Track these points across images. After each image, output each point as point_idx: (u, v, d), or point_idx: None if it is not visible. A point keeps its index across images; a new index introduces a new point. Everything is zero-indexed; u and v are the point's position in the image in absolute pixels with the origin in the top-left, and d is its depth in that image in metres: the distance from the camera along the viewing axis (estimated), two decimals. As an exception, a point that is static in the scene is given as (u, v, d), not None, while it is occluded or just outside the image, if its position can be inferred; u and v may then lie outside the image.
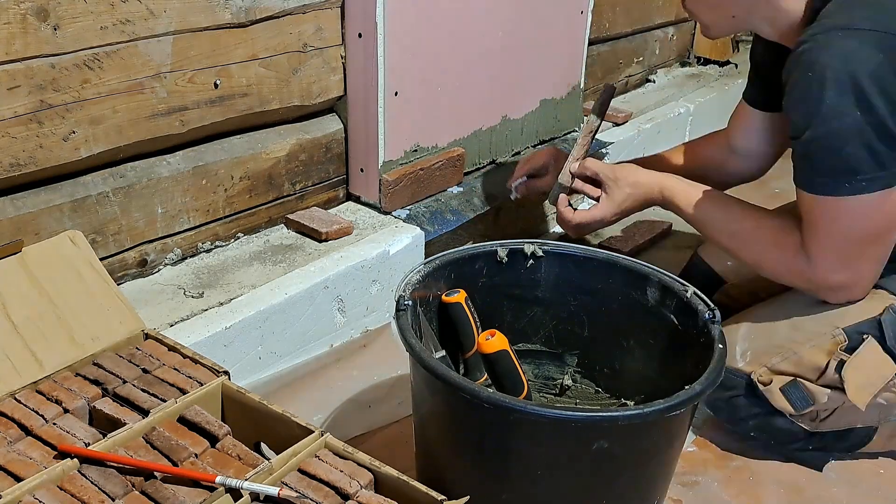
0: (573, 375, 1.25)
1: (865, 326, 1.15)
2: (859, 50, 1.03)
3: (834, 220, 1.10)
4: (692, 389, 0.90)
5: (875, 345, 1.14)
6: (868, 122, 1.03)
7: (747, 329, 1.23)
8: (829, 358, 1.15)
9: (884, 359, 1.14)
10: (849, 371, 1.13)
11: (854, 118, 1.03)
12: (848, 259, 1.12)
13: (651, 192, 1.31)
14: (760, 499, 1.18)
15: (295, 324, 1.29)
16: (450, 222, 1.55)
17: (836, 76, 1.03)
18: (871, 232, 1.10)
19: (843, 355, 1.14)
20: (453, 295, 1.12)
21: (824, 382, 1.16)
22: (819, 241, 1.12)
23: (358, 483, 0.82)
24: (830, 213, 1.10)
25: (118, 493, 0.79)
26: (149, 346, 1.00)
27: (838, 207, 1.09)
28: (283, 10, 1.32)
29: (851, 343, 1.14)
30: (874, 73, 1.02)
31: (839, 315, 1.17)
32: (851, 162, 1.05)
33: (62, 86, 1.08)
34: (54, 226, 1.12)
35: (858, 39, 1.03)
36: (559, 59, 1.82)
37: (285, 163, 1.42)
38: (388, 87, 1.42)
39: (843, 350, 1.14)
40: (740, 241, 1.23)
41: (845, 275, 1.14)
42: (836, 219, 1.10)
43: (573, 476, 0.93)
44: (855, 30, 1.04)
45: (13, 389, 0.91)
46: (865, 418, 1.20)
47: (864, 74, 1.02)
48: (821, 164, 1.08)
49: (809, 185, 1.11)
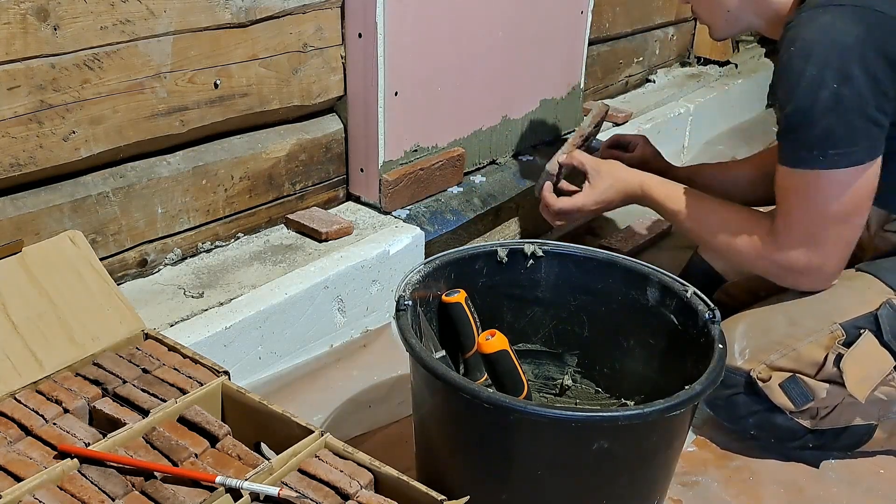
0: (573, 375, 1.25)
1: (862, 321, 1.16)
2: (839, 24, 1.05)
3: (805, 195, 1.12)
4: (692, 389, 0.91)
5: (872, 339, 1.15)
6: (845, 95, 1.05)
7: (745, 327, 1.23)
8: (827, 352, 1.15)
9: (881, 352, 1.15)
10: (847, 363, 1.14)
11: (832, 91, 1.05)
12: (815, 239, 1.14)
13: (631, 185, 1.33)
14: (760, 499, 1.18)
15: (295, 324, 1.29)
16: (450, 222, 1.55)
17: (815, 50, 1.05)
18: (841, 210, 1.11)
19: (840, 349, 1.15)
20: (453, 295, 1.12)
21: (823, 377, 1.16)
22: (789, 219, 1.15)
23: (358, 483, 0.82)
24: (803, 187, 1.12)
25: (118, 493, 0.79)
26: (149, 346, 1.00)
27: (810, 181, 1.11)
28: (284, 10, 1.32)
29: (849, 338, 1.15)
30: (853, 47, 1.04)
31: (837, 310, 1.17)
32: (826, 135, 1.07)
33: (62, 86, 1.08)
34: (54, 226, 1.12)
35: (839, 14, 1.05)
36: (559, 58, 1.82)
37: (285, 163, 1.42)
38: (388, 87, 1.42)
39: (840, 344, 1.15)
40: (713, 228, 1.25)
41: (811, 256, 1.15)
42: (808, 194, 1.12)
43: (573, 476, 0.93)
44: (836, 6, 1.06)
45: (13, 389, 0.91)
46: (865, 415, 1.20)
47: (843, 48, 1.04)
48: (798, 137, 1.10)
49: (786, 159, 1.13)
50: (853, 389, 1.13)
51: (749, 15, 1.23)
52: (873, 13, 1.05)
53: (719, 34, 1.30)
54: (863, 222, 1.15)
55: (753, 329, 1.22)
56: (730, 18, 1.25)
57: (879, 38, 1.05)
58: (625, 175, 1.35)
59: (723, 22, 1.26)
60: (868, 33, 1.04)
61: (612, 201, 1.36)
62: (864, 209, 1.13)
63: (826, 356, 1.15)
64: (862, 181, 1.10)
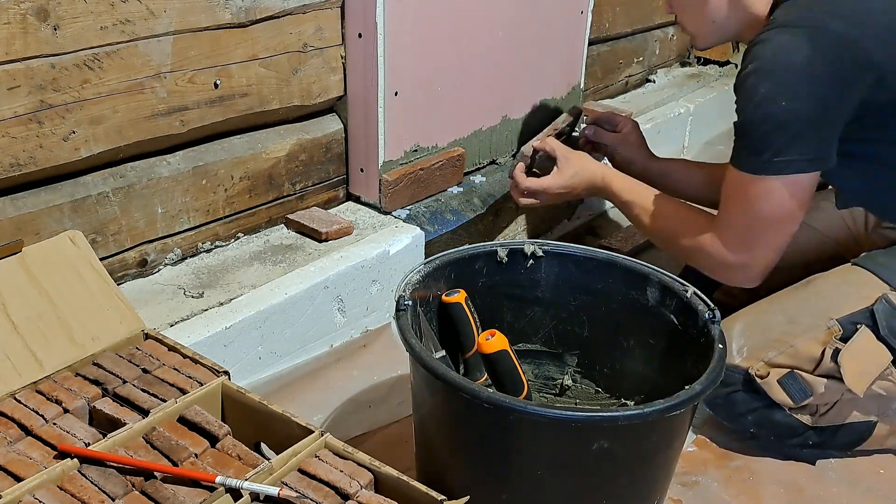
0: (573, 375, 1.25)
1: (859, 316, 1.18)
2: (792, 44, 1.12)
3: (746, 197, 1.18)
4: (692, 389, 0.91)
5: (869, 334, 1.17)
6: (793, 110, 1.12)
7: (742, 325, 1.25)
8: (825, 347, 1.17)
9: (878, 347, 1.16)
10: (845, 358, 1.16)
11: (780, 108, 1.12)
12: (748, 239, 1.20)
13: (595, 176, 1.41)
14: (760, 498, 1.18)
15: (295, 324, 1.29)
16: (450, 222, 1.55)
17: (768, 69, 1.13)
18: (777, 215, 1.18)
19: (838, 344, 1.17)
20: (453, 295, 1.12)
21: (821, 372, 1.18)
22: (728, 218, 1.22)
23: (358, 483, 0.82)
24: (745, 189, 1.18)
25: (118, 493, 0.79)
26: (149, 346, 1.00)
27: (753, 185, 1.17)
28: (284, 10, 1.32)
29: (846, 333, 1.17)
30: (803, 66, 1.11)
31: (833, 306, 1.19)
32: (773, 145, 1.14)
33: (62, 86, 1.08)
34: (54, 226, 1.12)
35: (792, 35, 1.13)
36: (559, 59, 1.82)
37: (285, 163, 1.42)
38: (388, 87, 1.42)
39: (837, 339, 1.17)
40: (660, 220, 1.32)
41: (742, 255, 1.21)
42: (748, 197, 1.18)
43: (573, 476, 0.93)
44: (791, 27, 1.14)
45: (13, 389, 0.91)
46: (865, 412, 1.21)
47: (793, 67, 1.12)
48: (748, 143, 1.17)
49: (735, 160, 1.19)
50: (851, 383, 1.15)
51: (733, 24, 1.27)
52: (824, 33, 1.11)
53: (704, 44, 1.35)
54: (794, 230, 1.21)
55: (751, 327, 1.24)
56: (714, 29, 1.29)
57: (829, 56, 1.11)
58: (591, 166, 1.42)
59: (708, 32, 1.31)
60: (817, 53, 1.11)
61: (575, 187, 1.42)
62: (797, 217, 1.19)
63: (823, 351, 1.17)
64: (800, 190, 1.16)
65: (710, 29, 1.29)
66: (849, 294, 1.20)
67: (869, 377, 1.15)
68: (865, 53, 1.11)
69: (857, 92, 1.12)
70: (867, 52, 1.11)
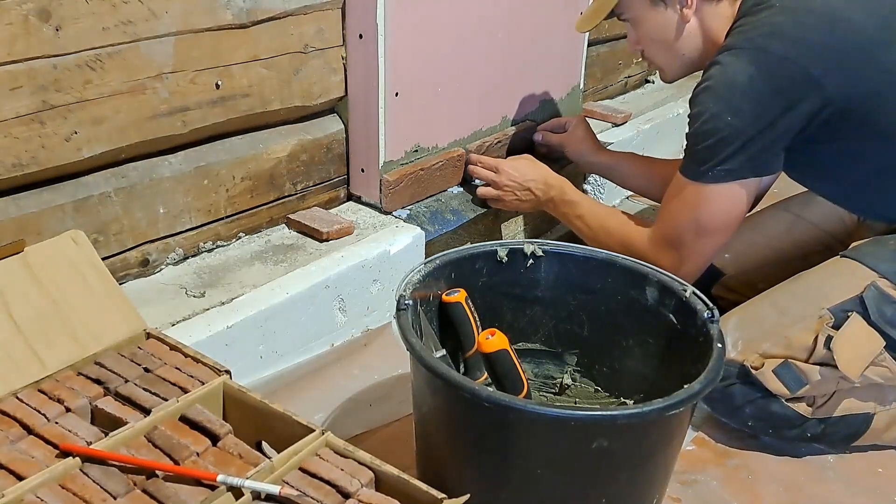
0: (573, 374, 1.25)
1: (849, 304, 1.20)
2: (737, 65, 1.22)
3: (685, 202, 1.28)
4: (691, 388, 0.91)
5: (860, 320, 1.18)
6: (736, 126, 1.21)
7: (737, 320, 1.27)
8: (817, 335, 1.19)
9: (870, 332, 1.18)
10: (837, 344, 1.17)
11: (726, 123, 1.22)
12: (679, 243, 1.29)
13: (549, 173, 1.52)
14: (759, 497, 1.18)
15: (296, 323, 1.29)
16: (450, 222, 1.55)
17: (716, 88, 1.24)
18: (708, 222, 1.27)
19: (830, 331, 1.18)
20: (453, 294, 1.12)
21: (815, 360, 1.19)
22: (665, 219, 1.32)
23: (358, 481, 0.83)
24: (685, 195, 1.28)
25: (120, 492, 0.79)
26: (150, 346, 1.01)
27: (694, 191, 1.27)
28: (285, 11, 1.32)
29: (837, 321, 1.19)
30: (745, 85, 1.21)
31: (824, 296, 1.22)
32: (716, 155, 1.23)
33: (64, 86, 1.09)
34: (56, 226, 1.13)
35: (737, 57, 1.23)
36: (559, 59, 1.83)
37: (286, 163, 1.42)
38: (388, 88, 1.42)
39: (829, 327, 1.18)
40: (600, 219, 1.43)
41: (672, 257, 1.29)
42: (688, 202, 1.28)
43: (573, 475, 0.94)
44: (738, 49, 1.24)
45: (15, 388, 0.91)
46: (862, 402, 1.22)
47: (736, 86, 1.22)
48: (694, 153, 1.27)
49: (682, 168, 1.29)
50: (845, 368, 1.16)
51: (698, 56, 1.36)
52: (766, 54, 1.21)
53: (673, 77, 1.44)
54: (723, 241, 1.30)
55: (745, 321, 1.27)
56: (684, 62, 1.39)
57: (770, 75, 1.20)
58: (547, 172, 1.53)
59: (678, 66, 1.41)
60: (760, 72, 1.20)
61: (525, 174, 1.52)
62: (730, 229, 1.29)
63: (816, 338, 1.19)
64: (736, 201, 1.26)
65: (679, 63, 1.39)
66: (838, 284, 1.23)
67: (862, 362, 1.17)
68: (804, 71, 1.19)
69: (801, 105, 1.20)
70: (806, 70, 1.19)
